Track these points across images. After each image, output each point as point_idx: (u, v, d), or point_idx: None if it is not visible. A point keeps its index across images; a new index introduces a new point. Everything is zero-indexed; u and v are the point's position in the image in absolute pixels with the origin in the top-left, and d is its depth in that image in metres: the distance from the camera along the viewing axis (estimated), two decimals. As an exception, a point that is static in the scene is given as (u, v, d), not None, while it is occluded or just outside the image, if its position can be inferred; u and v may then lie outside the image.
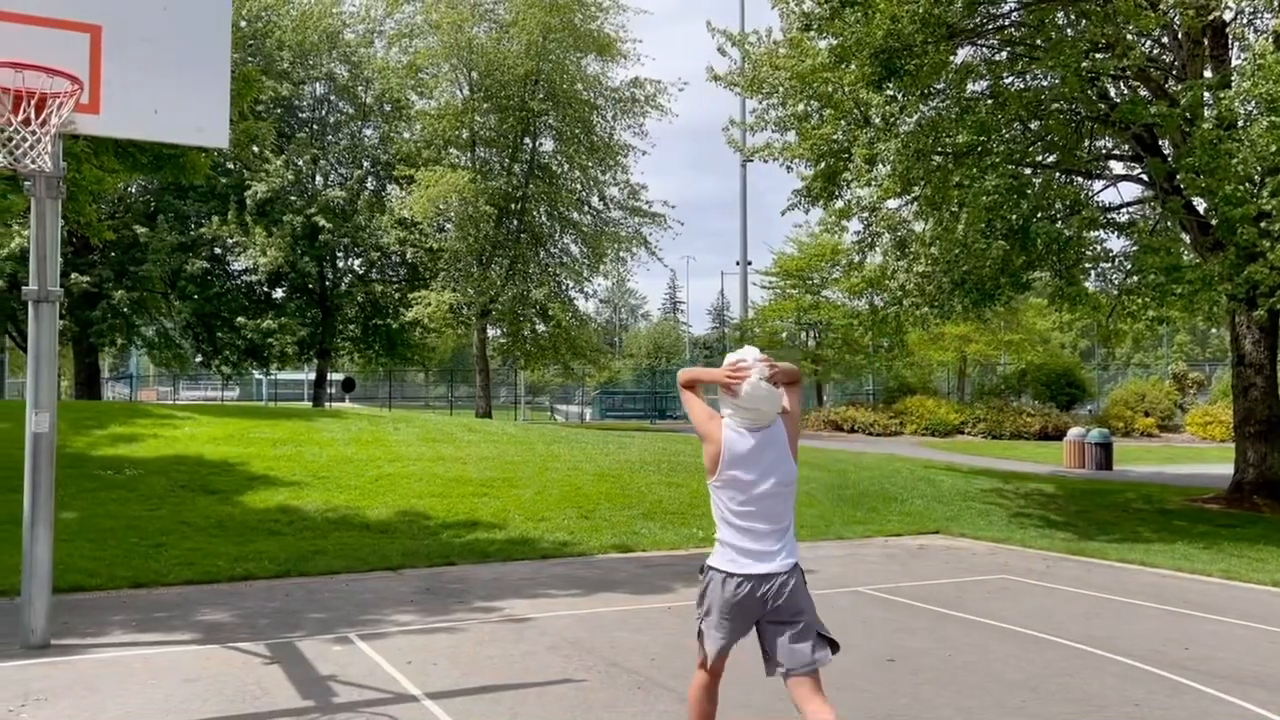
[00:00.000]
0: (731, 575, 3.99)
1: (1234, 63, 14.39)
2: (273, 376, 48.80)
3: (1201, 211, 14.63)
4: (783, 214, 18.37)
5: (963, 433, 31.54)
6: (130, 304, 31.18)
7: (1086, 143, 16.18)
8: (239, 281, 33.89)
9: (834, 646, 4.24)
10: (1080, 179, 15.84)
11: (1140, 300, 12.02)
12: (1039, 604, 8.01)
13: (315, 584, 8.59)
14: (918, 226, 15.31)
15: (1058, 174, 14.69)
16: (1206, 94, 12.83)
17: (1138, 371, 56.00)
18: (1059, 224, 12.92)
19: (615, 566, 9.61)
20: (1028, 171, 13.75)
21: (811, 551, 10.69)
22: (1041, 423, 31.44)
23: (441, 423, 18.51)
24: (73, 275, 30.17)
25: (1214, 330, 79.64)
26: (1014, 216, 12.15)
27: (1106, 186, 16.73)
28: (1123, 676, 5.85)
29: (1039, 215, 12.55)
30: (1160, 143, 14.94)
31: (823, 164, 17.39)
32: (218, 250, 32.74)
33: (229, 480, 12.25)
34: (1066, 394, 35.97)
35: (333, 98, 34.99)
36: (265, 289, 34.01)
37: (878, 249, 17.83)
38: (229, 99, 5.68)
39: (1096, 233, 14.03)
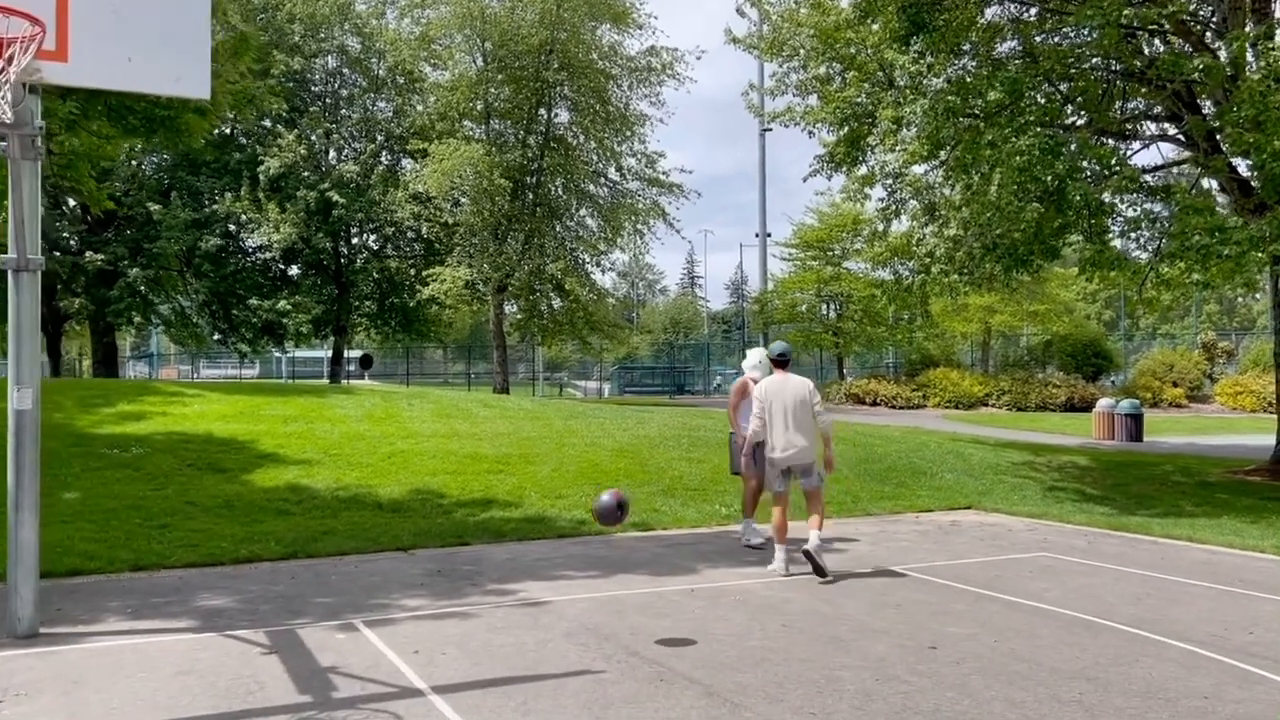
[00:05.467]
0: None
1: (1279, 15, 13.73)
2: (291, 354, 48.70)
3: (1243, 171, 14.03)
4: (805, 180, 17.84)
5: (987, 405, 31.01)
6: (146, 282, 30.94)
7: (1118, 104, 15.57)
8: (254, 259, 33.58)
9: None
10: (1112, 141, 15.25)
11: (1184, 264, 11.46)
12: (1084, 584, 7.55)
13: (323, 566, 8.24)
14: (945, 191, 14.78)
15: (1091, 135, 14.10)
16: (1250, 50, 12.22)
17: (1163, 341, 55.16)
18: (1095, 185, 12.34)
19: (635, 546, 9.22)
20: (1071, 120, 13.18)
21: (840, 529, 10.27)
22: (1068, 394, 30.86)
23: (456, 398, 18.14)
24: (87, 253, 30.01)
25: (1240, 299, 78.49)
26: (1048, 177, 11.59)
27: (1143, 147, 16.13)
28: (1186, 664, 5.41)
29: (1074, 176, 11.98)
30: (1199, 101, 14.34)
31: (846, 128, 16.87)
32: (232, 227, 32.41)
33: (238, 459, 11.91)
34: (1093, 364, 35.34)
35: (345, 71, 34.51)
36: (281, 266, 33.73)
37: (903, 216, 17.31)
38: (209, 46, 5.24)
39: (1133, 195, 13.46)
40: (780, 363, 8.17)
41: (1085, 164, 12.11)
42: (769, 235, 38.90)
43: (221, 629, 6.19)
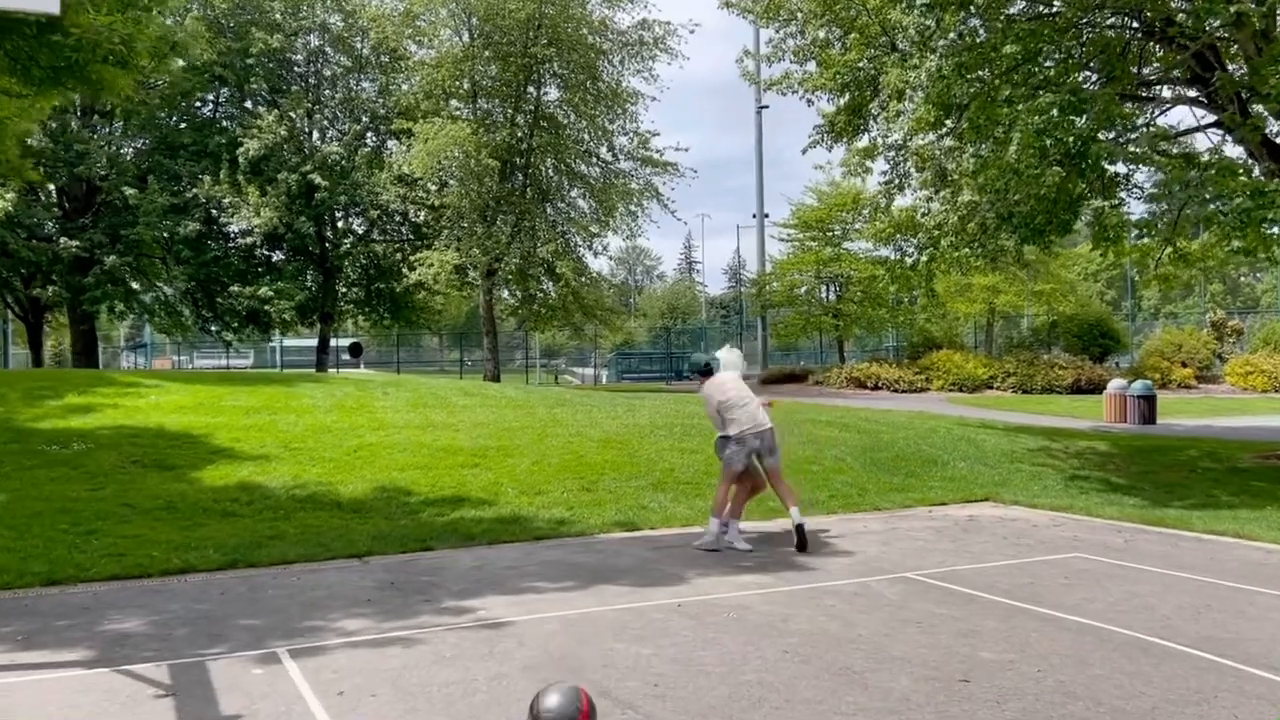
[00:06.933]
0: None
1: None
2: (282, 343, 47.67)
3: (1270, 134, 13.06)
4: (804, 152, 16.70)
5: (992, 388, 30.04)
6: (126, 268, 29.94)
7: (1134, 68, 14.60)
8: (236, 244, 32.52)
9: None
10: (1130, 105, 14.27)
11: (1221, 230, 10.48)
12: (1131, 593, 6.58)
13: (263, 577, 7.27)
14: (956, 158, 13.81)
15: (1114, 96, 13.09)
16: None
17: (1166, 321, 54.28)
18: (1121, 144, 11.33)
19: (618, 549, 8.25)
20: (1086, 85, 12.16)
21: (847, 525, 9.31)
22: (1074, 375, 29.90)
23: (436, 386, 17.12)
24: (62, 240, 29.00)
25: (1244, 278, 77.56)
26: (1070, 138, 10.58)
27: (1162, 112, 15.13)
28: (1278, 702, 4.45)
29: (1097, 136, 10.97)
30: (1225, 63, 13.36)
31: (847, 95, 15.92)
32: (213, 212, 31.33)
33: (188, 454, 10.92)
34: (1100, 345, 34.41)
35: (328, 50, 33.38)
36: (265, 252, 32.68)
37: (908, 189, 16.36)
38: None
39: (1158, 160, 12.46)
40: (707, 372, 8.86)
41: (1109, 122, 11.08)
42: (766, 216, 37.86)
43: (119, 662, 5.22)
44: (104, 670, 5.09)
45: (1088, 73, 13.75)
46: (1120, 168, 13.01)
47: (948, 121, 13.47)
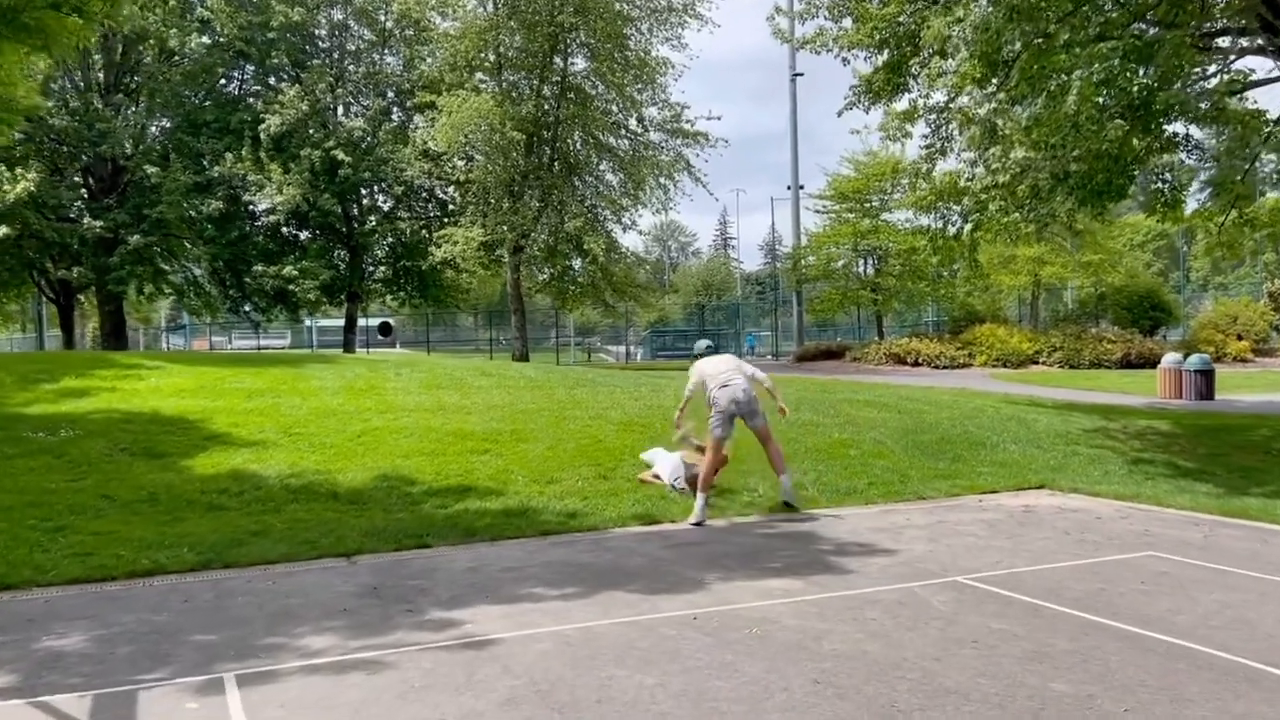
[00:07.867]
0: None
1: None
2: (317, 323, 47.28)
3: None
4: (839, 114, 15.88)
5: (1037, 363, 28.88)
6: (153, 248, 29.57)
7: (1192, 23, 13.49)
8: (262, 223, 31.99)
9: None
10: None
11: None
12: (1222, 602, 5.67)
13: (236, 581, 6.55)
14: (1003, 117, 12.80)
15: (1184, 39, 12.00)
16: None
17: (1216, 293, 52.48)
18: (1190, 94, 10.29)
19: (632, 547, 7.44)
20: (1152, 31, 11.09)
21: (887, 518, 8.43)
22: (1124, 350, 28.66)
23: (452, 367, 16.36)
24: (86, 220, 28.62)
25: (1299, 248, 75.12)
26: (1135, 88, 9.56)
27: (1229, 63, 13.99)
28: None
29: (1165, 85, 9.93)
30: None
31: (885, 53, 14.93)
32: (236, 190, 30.79)
33: (181, 441, 10.25)
34: (1150, 318, 33.08)
35: (350, 23, 32.67)
36: (291, 231, 32.14)
37: (951, 153, 15.34)
38: None
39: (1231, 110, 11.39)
40: (709, 353, 9.65)
41: (1179, 70, 10.04)
42: (802, 188, 36.75)
43: (42, 690, 4.51)
44: (18, 702, 4.37)
45: (1142, 25, 12.70)
46: (1179, 127, 11.99)
47: (994, 80, 12.50)
